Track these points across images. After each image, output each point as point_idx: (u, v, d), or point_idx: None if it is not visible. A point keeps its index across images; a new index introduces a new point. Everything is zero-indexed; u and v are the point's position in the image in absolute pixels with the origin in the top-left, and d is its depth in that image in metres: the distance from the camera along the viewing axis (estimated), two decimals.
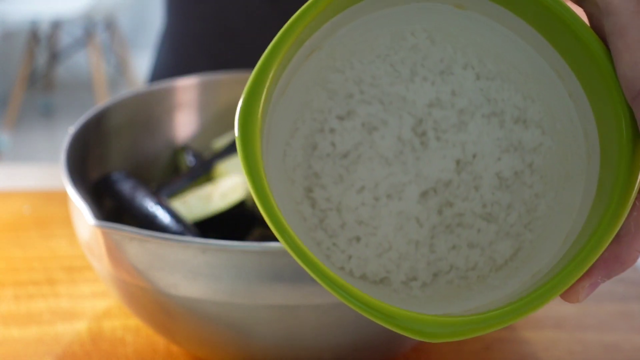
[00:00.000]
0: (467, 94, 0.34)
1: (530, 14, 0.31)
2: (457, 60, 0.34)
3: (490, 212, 0.34)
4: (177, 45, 0.86)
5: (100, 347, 0.52)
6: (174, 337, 0.48)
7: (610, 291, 0.60)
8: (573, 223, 0.31)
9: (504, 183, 0.34)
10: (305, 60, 0.33)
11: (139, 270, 0.44)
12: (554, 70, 0.32)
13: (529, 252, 0.33)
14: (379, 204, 0.34)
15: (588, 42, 0.29)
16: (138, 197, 0.54)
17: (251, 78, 0.29)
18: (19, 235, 0.65)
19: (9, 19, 2.70)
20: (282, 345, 0.45)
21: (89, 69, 2.88)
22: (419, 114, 0.34)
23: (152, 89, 0.62)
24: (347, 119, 0.34)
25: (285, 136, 0.34)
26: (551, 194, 0.33)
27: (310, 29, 0.30)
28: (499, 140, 0.34)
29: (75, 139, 0.53)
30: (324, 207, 0.34)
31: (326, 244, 0.34)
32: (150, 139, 0.62)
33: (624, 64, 0.28)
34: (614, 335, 0.55)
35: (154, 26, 2.90)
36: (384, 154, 0.34)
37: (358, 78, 0.34)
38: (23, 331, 0.53)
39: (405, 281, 0.33)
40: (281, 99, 0.32)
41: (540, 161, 0.33)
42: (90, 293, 0.57)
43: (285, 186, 0.33)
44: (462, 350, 0.53)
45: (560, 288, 0.28)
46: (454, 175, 0.34)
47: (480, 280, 0.33)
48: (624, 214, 0.28)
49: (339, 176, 0.34)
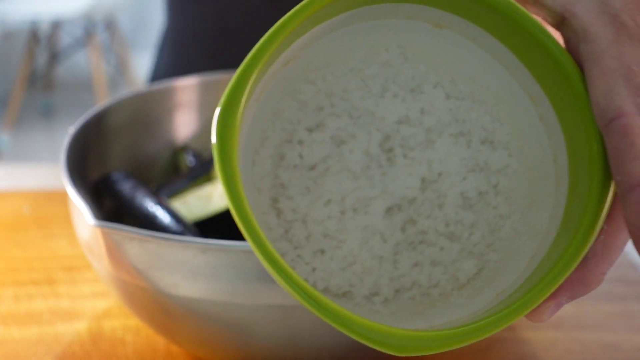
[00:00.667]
0: (436, 113, 0.34)
1: (508, 35, 0.31)
2: (428, 78, 0.34)
3: (453, 231, 0.34)
4: (178, 46, 0.86)
5: (100, 347, 0.52)
6: (174, 337, 0.48)
7: (609, 291, 0.60)
8: (539, 245, 0.31)
9: (468, 203, 0.34)
10: (282, 68, 0.32)
11: (139, 270, 0.44)
12: (527, 94, 0.32)
13: (493, 272, 0.33)
14: (345, 218, 0.34)
15: (564, 66, 0.29)
16: (138, 197, 0.54)
17: (230, 85, 0.29)
18: (19, 235, 0.65)
19: (9, 19, 2.70)
20: (282, 345, 0.45)
21: (89, 69, 2.88)
22: (388, 130, 0.34)
23: (152, 89, 0.62)
24: (316, 131, 0.34)
25: (255, 144, 0.34)
26: (516, 215, 0.33)
27: (290, 39, 0.30)
28: (465, 160, 0.34)
29: (75, 139, 0.53)
30: (289, 218, 0.34)
31: (291, 255, 0.33)
32: (150, 139, 0.62)
33: (597, 92, 0.28)
34: (613, 335, 0.55)
35: (154, 26, 2.90)
36: (352, 168, 0.34)
37: (329, 91, 0.34)
38: (23, 331, 0.53)
39: (368, 296, 0.33)
40: (254, 106, 0.32)
41: (506, 183, 0.33)
42: (90, 293, 0.57)
43: (252, 195, 0.33)
44: (462, 350, 0.53)
45: (527, 308, 0.28)
46: (419, 193, 0.34)
47: (443, 298, 0.33)
48: (592, 238, 0.28)
49: (306, 188, 0.34)
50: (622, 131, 0.27)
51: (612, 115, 0.27)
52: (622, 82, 0.28)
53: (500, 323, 0.28)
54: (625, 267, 0.63)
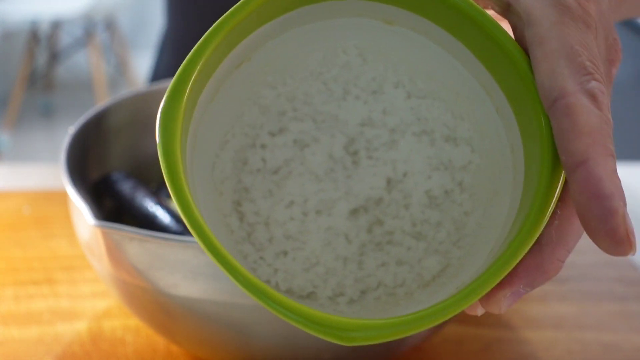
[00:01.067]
0: (398, 113, 0.34)
1: (457, 27, 0.31)
2: (388, 78, 0.34)
3: (419, 230, 0.34)
4: (178, 46, 0.86)
5: (100, 347, 0.52)
6: (174, 337, 0.48)
7: (609, 291, 0.60)
8: (498, 236, 0.31)
9: (434, 201, 0.34)
10: (235, 69, 0.32)
11: (139, 270, 0.44)
12: (482, 87, 0.32)
13: (456, 268, 0.33)
14: (307, 219, 0.34)
15: (511, 53, 0.29)
16: (138, 197, 0.54)
17: (173, 80, 0.29)
18: (19, 235, 0.65)
19: (9, 19, 2.70)
20: (282, 345, 0.45)
21: (89, 69, 2.88)
22: (351, 132, 0.34)
23: (152, 89, 0.62)
24: (279, 135, 0.34)
25: (215, 147, 0.34)
26: (479, 211, 0.33)
27: (235, 35, 0.30)
28: (429, 158, 0.34)
29: (75, 139, 0.53)
30: (252, 220, 0.34)
31: (253, 257, 0.33)
32: (150, 139, 0.62)
33: (542, 73, 0.28)
34: (613, 335, 0.55)
35: (154, 26, 2.90)
36: (315, 171, 0.34)
37: (291, 95, 0.34)
38: (23, 331, 0.53)
39: (332, 297, 0.33)
40: (210, 107, 0.32)
41: (470, 179, 0.34)
42: (90, 293, 0.57)
43: (213, 197, 0.33)
44: (462, 350, 0.53)
45: (478, 293, 0.28)
46: (385, 194, 0.34)
47: (408, 297, 0.33)
48: (544, 221, 0.28)
49: (268, 191, 0.34)
50: (565, 111, 0.27)
51: (556, 95, 0.27)
52: (564, 62, 0.27)
53: (450, 309, 0.27)
54: (625, 267, 0.63)
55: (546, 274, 0.29)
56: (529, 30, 0.29)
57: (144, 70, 2.75)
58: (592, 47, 0.28)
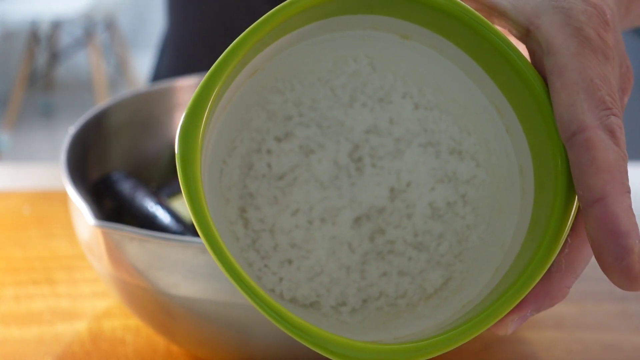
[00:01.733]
0: (405, 123, 0.34)
1: (473, 47, 0.31)
2: (396, 88, 0.34)
3: (421, 241, 0.34)
4: (179, 46, 0.86)
5: (100, 347, 0.52)
6: (174, 337, 0.48)
7: (610, 291, 0.60)
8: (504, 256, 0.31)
9: (437, 213, 0.34)
10: (247, 78, 0.32)
11: (139, 270, 0.44)
12: (493, 105, 0.32)
13: (459, 282, 0.33)
14: (312, 228, 0.34)
15: (528, 79, 0.29)
16: (138, 197, 0.54)
17: (194, 96, 0.29)
18: (19, 235, 0.65)
19: (9, 19, 2.70)
20: (282, 345, 0.45)
21: (89, 69, 2.88)
22: (356, 139, 0.34)
23: (152, 89, 0.62)
24: (285, 141, 0.34)
25: (223, 154, 0.34)
26: (483, 226, 0.33)
27: (256, 49, 0.30)
28: (433, 170, 0.34)
29: (75, 139, 0.53)
30: (257, 227, 0.34)
31: (258, 265, 0.33)
32: (150, 139, 0.62)
33: (560, 105, 0.28)
34: (613, 335, 0.55)
35: (154, 26, 2.90)
36: (320, 178, 0.34)
37: (298, 100, 0.34)
38: (23, 331, 0.53)
39: (335, 306, 0.33)
40: (221, 116, 0.32)
41: (474, 193, 0.34)
42: (90, 293, 0.57)
43: (220, 205, 0.33)
44: (462, 350, 0.53)
45: (491, 320, 0.28)
46: (388, 203, 0.34)
47: (410, 309, 0.33)
48: (556, 251, 0.28)
49: (273, 198, 0.34)
50: (584, 145, 0.27)
51: (575, 129, 0.27)
52: (584, 95, 0.27)
53: (464, 336, 0.28)
54: None
55: (554, 299, 0.29)
56: (549, 59, 0.29)
57: (144, 70, 2.75)
58: (611, 80, 0.28)
